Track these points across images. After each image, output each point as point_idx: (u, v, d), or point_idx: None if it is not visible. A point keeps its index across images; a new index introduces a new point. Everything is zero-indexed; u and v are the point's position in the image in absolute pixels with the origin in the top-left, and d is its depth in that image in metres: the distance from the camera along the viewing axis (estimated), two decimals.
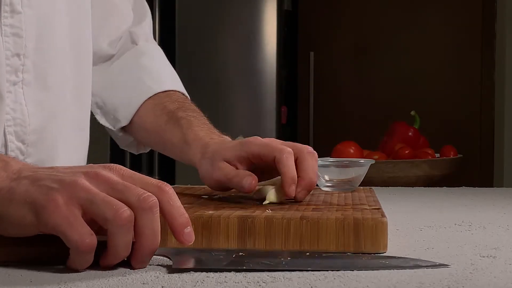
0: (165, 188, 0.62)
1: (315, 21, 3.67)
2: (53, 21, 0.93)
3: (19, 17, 0.88)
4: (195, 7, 3.03)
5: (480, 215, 1.02)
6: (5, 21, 0.86)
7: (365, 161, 1.06)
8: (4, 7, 0.86)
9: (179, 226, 0.62)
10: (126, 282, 0.57)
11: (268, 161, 0.86)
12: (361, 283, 0.57)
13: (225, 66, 3.03)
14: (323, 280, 0.58)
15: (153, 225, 0.60)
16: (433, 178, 1.87)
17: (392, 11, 3.63)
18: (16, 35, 0.87)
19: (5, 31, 0.86)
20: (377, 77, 3.62)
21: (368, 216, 0.71)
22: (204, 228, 0.71)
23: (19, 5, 0.88)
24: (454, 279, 0.58)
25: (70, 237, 0.58)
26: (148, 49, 1.17)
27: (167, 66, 1.18)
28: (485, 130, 3.55)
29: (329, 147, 1.98)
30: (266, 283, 0.57)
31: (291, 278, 0.59)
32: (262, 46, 2.99)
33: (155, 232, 0.60)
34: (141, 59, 1.14)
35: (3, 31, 0.86)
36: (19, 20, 0.88)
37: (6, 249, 0.63)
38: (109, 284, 0.57)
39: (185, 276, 0.59)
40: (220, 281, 0.58)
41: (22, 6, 0.88)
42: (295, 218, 0.71)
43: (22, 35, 0.88)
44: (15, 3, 0.87)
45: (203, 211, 0.75)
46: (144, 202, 0.59)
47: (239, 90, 3.02)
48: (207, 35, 3.02)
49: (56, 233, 0.59)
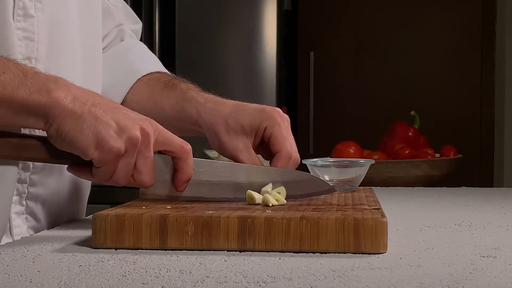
0: (186, 149, 0.84)
1: (315, 21, 3.67)
2: (65, 26, 0.93)
3: (32, 21, 0.87)
4: (195, 7, 3.03)
5: (480, 215, 1.02)
6: (18, 24, 0.86)
7: (365, 161, 1.06)
8: (17, 10, 0.86)
9: (184, 180, 0.85)
10: (126, 282, 0.57)
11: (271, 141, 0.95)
12: (361, 283, 0.57)
13: (225, 66, 3.03)
14: (323, 280, 0.58)
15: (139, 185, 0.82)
16: (433, 178, 1.87)
17: (392, 11, 3.63)
18: (28, 38, 0.87)
19: (17, 35, 0.86)
20: (377, 77, 3.62)
21: (368, 216, 0.71)
22: (204, 228, 0.72)
23: (32, 9, 0.87)
24: (454, 279, 0.58)
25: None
26: (135, 42, 1.19)
27: (153, 56, 1.21)
28: (485, 130, 3.55)
29: (329, 147, 1.98)
30: (266, 283, 0.57)
31: (291, 278, 0.59)
32: (262, 46, 2.99)
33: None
34: (130, 49, 1.16)
35: (15, 34, 0.86)
36: (31, 24, 0.87)
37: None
38: (109, 284, 0.57)
39: (185, 276, 0.60)
40: (220, 281, 0.58)
41: (35, 10, 0.88)
42: (295, 218, 0.71)
43: (34, 39, 0.88)
44: (28, 7, 0.87)
45: (203, 211, 0.75)
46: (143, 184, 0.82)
47: (239, 90, 3.02)
48: (207, 35, 3.02)
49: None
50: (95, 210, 0.80)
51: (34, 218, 0.92)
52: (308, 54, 3.59)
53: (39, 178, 0.91)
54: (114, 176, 0.79)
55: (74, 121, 0.75)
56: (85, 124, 0.76)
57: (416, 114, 2.12)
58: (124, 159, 0.78)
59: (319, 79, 3.60)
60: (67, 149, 0.77)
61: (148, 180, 0.81)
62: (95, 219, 0.73)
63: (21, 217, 0.91)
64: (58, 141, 0.77)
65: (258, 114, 0.95)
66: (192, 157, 0.84)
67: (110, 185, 0.81)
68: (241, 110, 0.96)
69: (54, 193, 0.94)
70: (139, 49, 1.18)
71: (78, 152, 0.77)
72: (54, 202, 0.95)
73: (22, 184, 0.89)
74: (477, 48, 3.56)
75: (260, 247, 0.71)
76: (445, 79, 3.57)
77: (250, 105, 0.97)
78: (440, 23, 3.60)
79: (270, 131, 0.94)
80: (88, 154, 0.76)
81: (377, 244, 0.70)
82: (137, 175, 0.80)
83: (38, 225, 0.93)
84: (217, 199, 0.87)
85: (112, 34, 1.16)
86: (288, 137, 0.94)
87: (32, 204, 0.91)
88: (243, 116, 0.95)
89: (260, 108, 0.96)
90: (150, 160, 0.80)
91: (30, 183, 0.90)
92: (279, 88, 3.04)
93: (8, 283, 0.57)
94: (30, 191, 0.91)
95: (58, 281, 0.58)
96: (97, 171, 0.79)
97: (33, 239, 0.80)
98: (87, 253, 0.71)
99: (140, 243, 0.72)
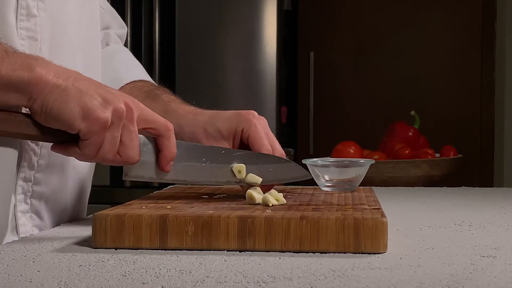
0: (169, 127, 0.85)
1: (315, 21, 3.67)
2: (66, 25, 0.94)
3: (35, 20, 0.88)
4: (195, 7, 3.03)
5: (480, 215, 1.02)
6: (21, 24, 0.86)
7: (365, 161, 1.06)
8: (21, 10, 0.86)
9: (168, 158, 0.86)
10: (126, 282, 0.57)
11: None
12: (361, 283, 0.57)
13: (225, 66, 3.02)
14: (323, 280, 0.58)
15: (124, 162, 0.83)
16: (433, 178, 1.87)
17: (392, 11, 3.63)
18: (32, 38, 0.88)
19: (21, 34, 0.86)
20: (377, 77, 3.62)
21: (368, 216, 0.71)
22: (204, 228, 0.72)
23: (35, 8, 0.88)
24: (454, 279, 0.58)
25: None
26: (120, 48, 1.20)
27: (137, 63, 1.22)
28: (485, 130, 3.55)
29: (329, 147, 1.98)
30: (266, 283, 0.57)
31: (291, 278, 0.59)
32: (262, 46, 2.99)
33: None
34: (114, 55, 1.17)
35: (19, 34, 0.86)
36: (34, 23, 0.88)
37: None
38: (109, 284, 0.57)
39: (185, 276, 0.60)
40: (220, 281, 0.58)
41: (38, 10, 0.88)
42: (295, 218, 0.71)
43: (38, 38, 0.88)
44: (31, 7, 0.87)
45: (203, 211, 0.75)
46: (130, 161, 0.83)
47: (239, 90, 3.02)
48: (207, 35, 3.01)
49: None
50: (95, 210, 0.80)
51: (38, 217, 0.93)
52: (308, 54, 3.59)
53: (43, 176, 0.91)
54: (101, 151, 0.80)
55: (59, 94, 0.76)
56: (70, 96, 0.76)
57: (416, 114, 2.12)
58: (110, 131, 0.79)
59: (319, 79, 3.60)
60: (52, 124, 0.77)
61: (134, 155, 0.82)
62: (95, 219, 0.73)
63: (26, 215, 0.91)
64: (43, 117, 0.77)
65: (234, 118, 0.97)
66: (174, 136, 0.86)
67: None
68: (218, 116, 0.99)
69: (56, 191, 0.95)
70: (123, 56, 1.19)
71: (64, 125, 0.77)
72: (57, 201, 0.95)
73: (27, 182, 0.90)
74: (477, 48, 3.55)
75: (260, 247, 0.71)
76: (445, 79, 3.57)
77: (226, 112, 1.00)
78: (440, 23, 3.60)
79: (247, 132, 0.96)
80: (74, 125, 0.77)
81: (377, 244, 0.70)
82: (123, 149, 0.81)
83: (42, 224, 0.93)
84: (199, 183, 0.90)
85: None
86: (265, 135, 0.97)
87: (36, 203, 0.92)
88: (220, 122, 0.98)
89: (236, 112, 0.99)
90: (135, 134, 0.81)
91: (35, 182, 0.90)
92: (279, 88, 3.04)
93: (8, 283, 0.57)
94: (34, 190, 0.91)
95: (58, 281, 0.58)
96: (84, 144, 0.79)
97: (33, 239, 0.80)
98: (87, 253, 0.71)
99: (140, 243, 0.72)
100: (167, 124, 0.85)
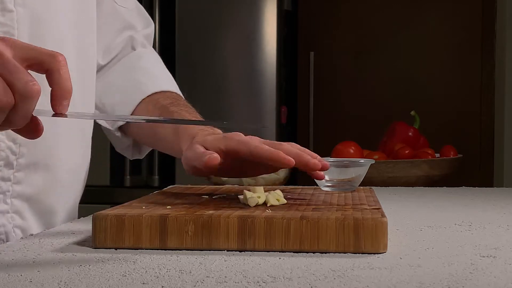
0: (58, 57, 0.66)
1: (315, 21, 3.66)
2: (50, 22, 0.92)
3: (11, 15, 0.87)
4: (195, 7, 3.03)
5: (480, 215, 1.02)
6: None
7: (365, 161, 1.06)
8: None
9: (60, 96, 0.66)
10: (126, 282, 0.57)
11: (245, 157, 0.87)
12: (361, 283, 0.57)
13: (225, 66, 3.02)
14: (323, 280, 0.58)
15: (28, 114, 0.64)
16: (433, 178, 1.87)
17: (391, 11, 3.63)
18: (8, 33, 0.86)
19: None
20: (377, 77, 3.62)
21: (368, 216, 0.71)
22: (204, 228, 0.72)
23: (11, 3, 0.87)
24: (454, 279, 0.58)
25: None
26: (146, 53, 1.18)
27: (163, 69, 1.20)
28: (485, 130, 3.55)
29: (329, 147, 1.98)
30: (266, 283, 0.57)
31: (291, 278, 0.59)
32: (262, 46, 2.99)
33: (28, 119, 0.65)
34: (139, 62, 1.15)
35: None
36: (10, 18, 0.87)
37: None
38: (109, 284, 0.57)
39: (185, 276, 0.60)
40: (220, 281, 0.58)
41: (14, 5, 0.87)
42: (295, 218, 0.71)
43: (14, 34, 0.87)
44: (6, 1, 0.86)
45: (203, 211, 0.75)
46: (30, 91, 0.63)
47: (239, 90, 3.02)
48: (207, 35, 3.01)
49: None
50: (95, 210, 0.80)
51: (21, 217, 0.92)
52: (308, 54, 3.59)
53: (24, 175, 0.90)
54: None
55: None
56: None
57: (416, 114, 2.12)
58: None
59: (319, 79, 3.60)
60: None
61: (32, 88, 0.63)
62: (95, 219, 0.73)
63: (6, 216, 0.90)
64: None
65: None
66: (67, 68, 0.67)
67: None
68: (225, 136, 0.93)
69: (41, 191, 0.93)
70: (147, 63, 1.17)
71: None
72: (42, 201, 0.94)
73: (5, 182, 0.89)
74: (477, 48, 3.55)
75: (260, 247, 0.71)
76: (445, 79, 3.57)
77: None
78: (440, 23, 3.60)
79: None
80: None
81: (377, 244, 0.70)
82: (17, 92, 0.63)
83: (25, 224, 0.92)
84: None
85: (122, 42, 1.15)
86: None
87: (17, 203, 0.91)
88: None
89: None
90: (16, 69, 0.64)
91: (15, 181, 0.90)
92: (279, 88, 3.04)
93: (8, 283, 0.57)
94: (15, 189, 0.90)
95: (58, 281, 0.58)
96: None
97: (33, 239, 0.80)
98: (87, 253, 0.71)
99: (140, 243, 0.72)
100: (53, 53, 0.66)
